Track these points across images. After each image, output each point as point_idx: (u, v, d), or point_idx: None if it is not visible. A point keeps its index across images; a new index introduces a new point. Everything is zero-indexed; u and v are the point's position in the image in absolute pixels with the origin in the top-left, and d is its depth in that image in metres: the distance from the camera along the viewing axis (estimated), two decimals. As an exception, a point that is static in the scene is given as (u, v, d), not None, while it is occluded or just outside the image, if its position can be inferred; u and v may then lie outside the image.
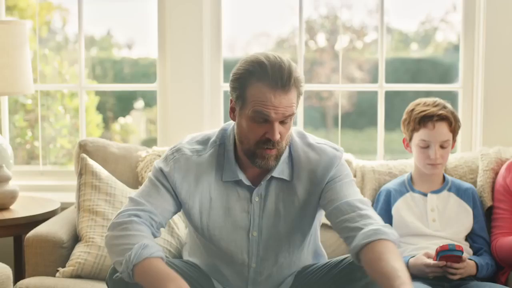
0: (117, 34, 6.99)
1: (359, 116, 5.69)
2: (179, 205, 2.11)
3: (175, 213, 2.11)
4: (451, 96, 3.22)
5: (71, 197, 2.99)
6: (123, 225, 1.97)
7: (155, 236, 2.01)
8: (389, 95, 3.23)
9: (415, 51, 6.80)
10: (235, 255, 2.10)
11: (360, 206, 2.03)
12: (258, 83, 1.97)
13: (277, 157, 2.03)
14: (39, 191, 3.15)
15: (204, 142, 2.15)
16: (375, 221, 1.98)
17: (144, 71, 7.88)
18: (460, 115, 3.16)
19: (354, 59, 6.65)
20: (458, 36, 3.25)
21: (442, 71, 3.27)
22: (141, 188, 2.11)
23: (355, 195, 2.08)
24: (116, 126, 6.50)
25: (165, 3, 3.16)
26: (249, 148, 2.02)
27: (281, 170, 2.10)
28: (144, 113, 7.87)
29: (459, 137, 3.04)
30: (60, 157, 5.56)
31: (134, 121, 6.72)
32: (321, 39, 7.06)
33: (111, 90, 5.51)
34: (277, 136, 1.97)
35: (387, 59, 3.24)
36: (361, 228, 1.95)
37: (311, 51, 8.02)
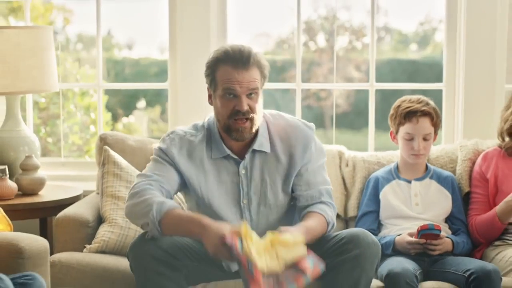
0: (117, 34, 6.98)
1: (357, 116, 5.93)
2: (182, 178, 2.47)
3: (181, 185, 2.47)
4: (436, 94, 3.54)
5: (90, 186, 3.31)
6: (139, 193, 2.33)
7: None
8: (386, 94, 3.51)
9: (414, 52, 6.99)
10: (232, 222, 2.43)
11: (319, 198, 2.52)
12: (224, 66, 2.40)
13: (251, 130, 2.42)
14: (61, 180, 3.47)
15: (194, 127, 2.55)
16: (324, 205, 2.50)
17: (145, 71, 8.00)
18: (444, 111, 3.48)
19: (353, 60, 6.74)
20: None
21: (438, 71, 3.52)
22: (146, 167, 2.47)
23: (322, 182, 2.55)
24: (119, 126, 6.71)
25: (176, 8, 3.47)
26: (225, 123, 2.42)
27: (261, 143, 2.49)
28: (146, 112, 8.07)
29: (443, 130, 3.38)
30: (72, 152, 5.83)
31: (137, 121, 6.89)
32: (321, 40, 7.23)
33: (113, 90, 5.77)
34: (245, 107, 2.37)
35: (385, 60, 3.54)
36: (310, 205, 2.50)
37: (311, 51, 8.15)
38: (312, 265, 2.18)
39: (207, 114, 3.42)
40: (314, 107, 7.86)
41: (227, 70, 2.39)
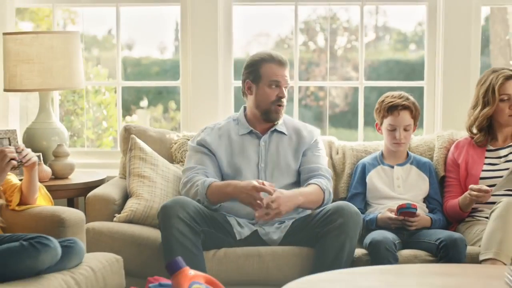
0: (117, 34, 7.41)
1: (354, 115, 6.26)
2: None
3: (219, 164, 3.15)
4: (418, 91, 3.98)
5: (111, 172, 3.76)
6: (189, 182, 3.03)
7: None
8: (382, 92, 3.85)
9: (412, 51, 7.26)
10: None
11: (319, 172, 3.16)
12: (269, 63, 3.16)
13: (282, 114, 3.21)
14: (86, 168, 3.90)
15: (226, 118, 3.29)
16: (322, 179, 3.12)
17: (146, 70, 8.09)
18: (425, 106, 3.92)
19: (352, 59, 6.86)
20: None
21: None
22: (187, 161, 3.15)
23: (322, 163, 3.20)
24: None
25: (187, 15, 3.90)
26: (267, 108, 3.17)
27: (282, 125, 3.19)
28: (149, 111, 8.44)
29: (424, 122, 3.83)
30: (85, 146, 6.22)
31: (140, 119, 7.06)
32: (320, 40, 7.42)
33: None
34: (283, 93, 3.16)
35: (384, 60, 3.94)
36: (311, 177, 3.14)
37: (310, 51, 8.39)
38: None
39: (214, 107, 3.89)
40: (313, 107, 8.14)
41: (272, 67, 3.16)
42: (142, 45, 7.02)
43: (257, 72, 3.16)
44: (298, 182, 3.16)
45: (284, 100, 3.16)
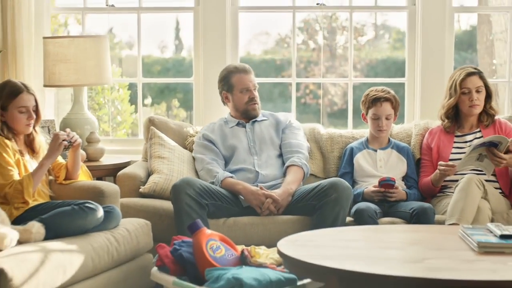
0: (119, 34, 7.49)
1: (353, 113, 6.69)
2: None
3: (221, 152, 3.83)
4: (400, 86, 4.59)
5: (135, 157, 4.34)
6: (209, 172, 3.75)
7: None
8: None
9: None
10: (247, 159, 3.76)
11: (294, 148, 3.87)
12: (236, 74, 3.90)
13: (259, 109, 3.95)
14: (112, 154, 4.49)
15: (218, 120, 4.01)
16: (295, 156, 3.82)
17: (148, 69, 8.32)
18: (406, 99, 4.52)
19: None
20: (455, 34, 4.53)
21: None
22: (198, 154, 3.88)
23: (297, 140, 3.93)
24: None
25: (199, 20, 4.49)
26: (244, 108, 3.93)
27: (261, 116, 3.89)
28: (152, 109, 8.50)
29: (405, 113, 4.43)
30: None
31: (144, 117, 7.72)
32: (319, 38, 7.83)
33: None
34: (254, 94, 3.92)
35: (383, 58, 4.48)
36: (289, 158, 3.83)
37: (309, 50, 8.70)
38: None
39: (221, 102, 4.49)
40: (312, 104, 8.50)
41: (240, 76, 3.92)
42: (142, 44, 7.21)
43: (229, 84, 3.93)
44: (281, 154, 3.90)
45: (256, 99, 3.92)
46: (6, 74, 4.20)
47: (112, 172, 4.05)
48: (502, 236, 2.60)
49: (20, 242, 2.78)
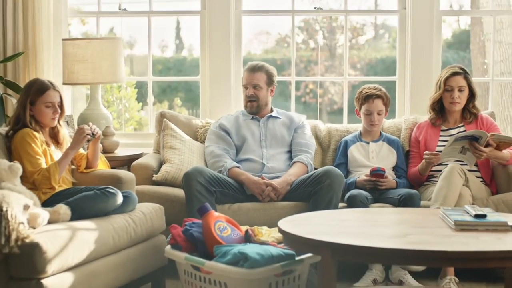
0: (119, 34, 7.57)
1: (351, 112, 6.93)
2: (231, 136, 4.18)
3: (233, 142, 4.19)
4: (392, 84, 4.94)
5: (146, 150, 4.69)
6: (218, 162, 4.06)
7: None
8: None
9: None
10: (256, 150, 4.10)
11: (303, 147, 4.21)
12: (245, 72, 4.28)
13: (258, 106, 4.28)
14: (125, 147, 4.83)
15: (235, 112, 4.30)
16: (303, 154, 4.16)
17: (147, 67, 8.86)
18: (397, 96, 4.88)
19: (350, 58, 7.37)
20: (454, 34, 4.83)
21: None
22: (210, 144, 4.19)
23: (307, 140, 4.27)
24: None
25: (205, 22, 4.85)
26: (245, 104, 4.31)
27: (275, 113, 4.19)
28: (155, 107, 8.92)
29: (396, 109, 4.78)
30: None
31: (147, 115, 7.38)
32: (319, 38, 8.03)
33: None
34: (250, 92, 4.25)
35: (382, 57, 4.78)
36: (297, 155, 4.16)
37: (309, 49, 8.83)
38: None
39: (227, 97, 4.84)
40: (312, 104, 8.67)
41: (245, 74, 4.30)
42: (142, 44, 7.34)
43: (242, 80, 4.34)
44: (290, 151, 4.22)
45: (253, 96, 4.23)
46: (27, 73, 4.56)
47: (125, 162, 4.41)
48: (476, 216, 2.95)
49: (49, 222, 3.13)
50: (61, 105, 3.64)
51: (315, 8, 4.89)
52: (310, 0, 6.31)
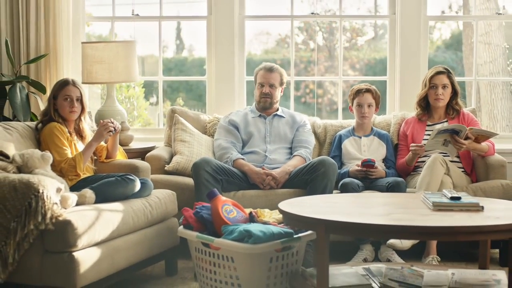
0: (120, 33, 7.27)
1: (347, 109, 7.09)
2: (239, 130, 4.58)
3: (241, 136, 4.60)
4: (383, 83, 5.35)
5: (157, 143, 5.10)
6: (225, 154, 4.44)
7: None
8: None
9: None
10: (261, 145, 4.46)
11: (303, 144, 4.59)
12: (260, 71, 4.67)
13: (271, 103, 4.69)
14: (137, 141, 5.24)
15: (244, 108, 4.69)
16: (303, 149, 4.56)
17: (150, 69, 8.55)
18: (387, 94, 5.29)
19: (349, 58, 7.67)
20: (452, 35, 5.19)
21: (429, 67, 5.03)
22: (219, 137, 4.60)
23: (307, 137, 4.61)
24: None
25: (211, 27, 5.26)
26: (259, 100, 4.71)
27: (281, 112, 4.53)
28: (157, 107, 9.33)
29: (387, 106, 5.20)
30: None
31: (150, 115, 7.99)
32: (319, 39, 8.18)
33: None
34: (266, 90, 4.67)
35: (381, 58, 5.07)
36: (297, 150, 4.48)
37: (309, 50, 9.02)
38: None
39: (231, 95, 5.26)
40: (312, 104, 8.87)
41: (261, 73, 4.69)
42: (143, 44, 7.52)
43: (255, 78, 4.72)
44: (291, 148, 4.62)
45: (269, 94, 4.63)
46: (49, 73, 4.98)
47: (139, 154, 4.82)
48: (452, 198, 3.36)
49: (77, 204, 3.55)
50: (81, 101, 4.03)
51: (312, 13, 5.31)
52: (310, 1, 6.48)
